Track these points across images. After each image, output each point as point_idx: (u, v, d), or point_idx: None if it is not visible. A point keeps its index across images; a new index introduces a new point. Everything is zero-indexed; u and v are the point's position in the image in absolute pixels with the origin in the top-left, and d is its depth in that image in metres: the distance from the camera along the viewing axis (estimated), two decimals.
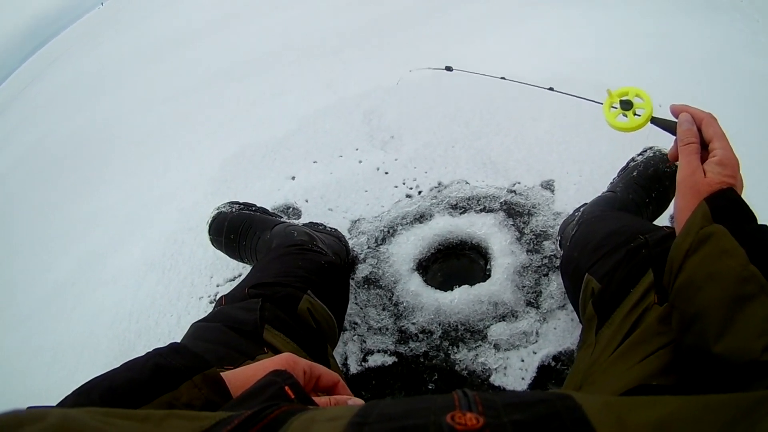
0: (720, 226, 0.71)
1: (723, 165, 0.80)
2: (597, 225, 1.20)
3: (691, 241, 0.73)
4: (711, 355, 0.64)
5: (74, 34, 4.02)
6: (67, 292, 1.81)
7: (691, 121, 0.88)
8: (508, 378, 1.33)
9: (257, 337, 0.95)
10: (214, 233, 1.54)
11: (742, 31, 2.19)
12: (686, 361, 0.71)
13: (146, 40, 3.33)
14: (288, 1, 3.14)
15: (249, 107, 2.31)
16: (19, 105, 3.32)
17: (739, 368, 0.60)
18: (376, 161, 1.88)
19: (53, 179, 2.38)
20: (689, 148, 0.84)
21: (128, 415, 0.48)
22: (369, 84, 2.21)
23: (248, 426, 0.45)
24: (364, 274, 1.58)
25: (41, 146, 2.65)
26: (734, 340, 0.62)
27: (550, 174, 1.73)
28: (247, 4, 3.27)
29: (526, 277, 1.49)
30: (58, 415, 0.43)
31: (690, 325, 0.69)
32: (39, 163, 2.54)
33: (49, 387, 1.56)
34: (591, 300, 0.98)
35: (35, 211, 2.23)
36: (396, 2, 2.79)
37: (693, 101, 0.91)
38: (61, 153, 2.51)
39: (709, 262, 0.69)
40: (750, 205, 0.75)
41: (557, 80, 2.00)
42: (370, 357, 1.42)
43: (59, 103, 3.01)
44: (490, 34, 2.38)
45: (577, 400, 0.44)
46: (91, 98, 2.88)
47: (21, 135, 2.86)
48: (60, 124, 2.76)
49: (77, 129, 2.64)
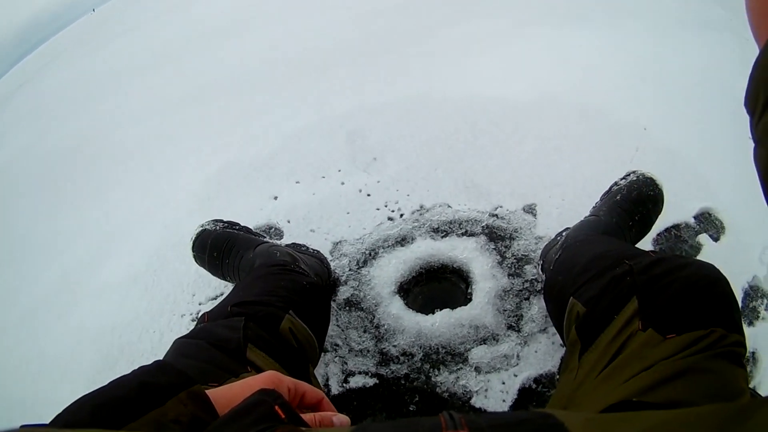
0: None
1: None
2: (582, 249, 1.21)
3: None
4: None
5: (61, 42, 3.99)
6: (52, 303, 1.78)
7: None
8: (489, 400, 1.33)
9: (240, 355, 0.94)
10: (198, 250, 1.54)
11: (734, 50, 2.23)
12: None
13: (132, 52, 3.31)
14: (276, 18, 3.13)
15: (233, 125, 2.31)
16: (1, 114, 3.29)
17: None
18: (358, 183, 1.88)
19: (37, 191, 2.35)
20: None
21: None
22: (353, 103, 2.22)
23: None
24: (346, 296, 1.58)
25: (24, 158, 2.62)
26: None
27: (532, 198, 1.75)
28: (234, 20, 3.27)
29: (507, 300, 1.50)
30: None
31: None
32: (23, 176, 2.51)
33: (35, 398, 1.55)
34: (575, 325, 0.99)
35: (19, 222, 2.20)
36: (385, 22, 2.81)
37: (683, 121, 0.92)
38: (44, 166, 2.48)
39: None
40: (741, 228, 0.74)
41: (546, 101, 2.05)
42: (351, 378, 1.41)
43: (41, 116, 2.98)
44: (479, 55, 2.40)
45: (559, 418, 0.45)
46: (75, 111, 2.85)
47: (2, 147, 2.83)
48: (43, 137, 2.73)
49: (61, 142, 2.61)
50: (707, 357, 0.76)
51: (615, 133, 1.91)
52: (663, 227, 1.65)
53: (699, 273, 0.87)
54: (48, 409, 0.61)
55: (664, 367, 0.76)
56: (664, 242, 1.63)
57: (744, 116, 0.77)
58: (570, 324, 1.03)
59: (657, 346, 0.80)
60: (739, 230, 1.59)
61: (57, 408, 0.62)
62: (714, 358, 0.76)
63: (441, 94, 2.19)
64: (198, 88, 2.64)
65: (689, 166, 1.77)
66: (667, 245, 1.62)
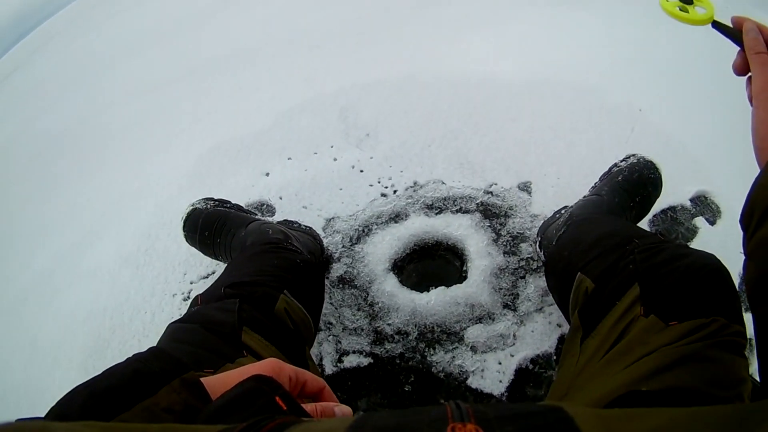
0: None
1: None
2: (588, 226, 1.21)
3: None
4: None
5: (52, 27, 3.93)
6: (44, 285, 1.76)
7: (757, 30, 0.78)
8: (486, 381, 1.33)
9: (236, 339, 0.93)
10: (189, 229, 1.52)
11: None
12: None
13: (123, 33, 3.26)
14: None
15: (225, 102, 2.28)
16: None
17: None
18: (351, 159, 1.86)
19: (28, 173, 2.32)
20: (761, 58, 0.75)
21: (126, 429, 0.47)
22: (346, 80, 2.19)
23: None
24: (339, 274, 1.56)
25: (17, 139, 2.58)
26: None
27: (527, 176, 1.73)
28: None
29: (503, 279, 1.49)
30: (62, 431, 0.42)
31: None
32: (14, 157, 2.47)
33: (28, 382, 1.53)
34: (579, 308, 0.98)
35: (10, 204, 2.17)
36: None
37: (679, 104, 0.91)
38: (36, 146, 2.45)
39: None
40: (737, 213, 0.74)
41: (537, 81, 2.03)
42: (346, 358, 1.40)
43: (35, 97, 2.93)
44: (472, 35, 2.37)
45: (569, 412, 0.44)
46: (67, 92, 2.81)
47: None
48: (36, 117, 2.69)
49: (53, 122, 2.58)
50: (709, 345, 0.76)
51: (610, 113, 1.90)
52: (659, 209, 1.64)
53: (701, 262, 0.87)
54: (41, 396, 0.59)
55: (666, 353, 0.75)
56: (660, 224, 1.62)
57: (741, 100, 0.75)
58: (578, 299, 1.03)
59: (659, 332, 0.80)
60: (735, 215, 1.57)
61: (50, 395, 0.60)
62: (715, 346, 0.76)
63: (435, 71, 2.17)
64: (188, 68, 2.61)
65: (685, 149, 1.77)
66: (663, 227, 1.61)
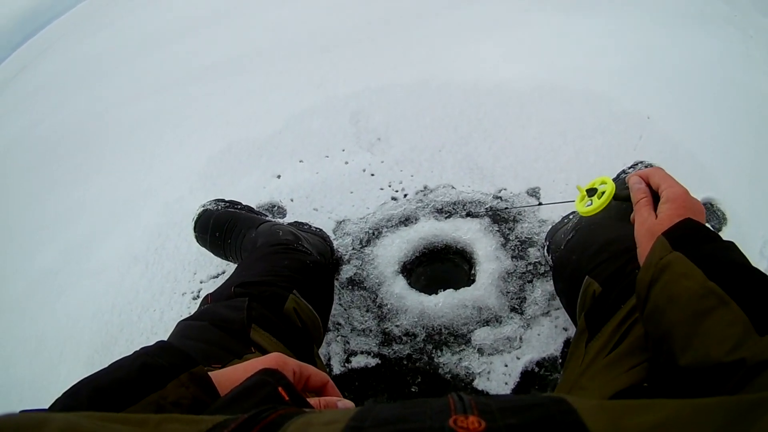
0: (677, 253, 0.74)
1: (670, 201, 0.84)
2: (597, 231, 1.21)
3: (652, 273, 0.75)
4: (679, 369, 0.66)
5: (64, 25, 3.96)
6: (51, 281, 1.78)
7: (639, 180, 0.93)
8: (492, 383, 1.33)
9: (244, 336, 0.94)
10: (200, 230, 1.53)
11: (736, 45, 2.22)
12: (660, 380, 0.73)
13: (136, 33, 3.29)
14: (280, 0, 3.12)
15: (237, 104, 2.30)
16: (4, 96, 3.27)
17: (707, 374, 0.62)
18: (362, 163, 1.88)
19: (39, 170, 2.34)
20: (640, 203, 0.90)
21: (125, 419, 0.47)
22: (358, 84, 2.20)
23: (245, 429, 0.45)
24: (349, 275, 1.57)
25: (27, 137, 2.61)
26: (697, 351, 0.64)
27: (536, 181, 1.74)
28: (239, 0, 3.25)
29: (511, 283, 1.50)
30: (61, 422, 0.42)
31: (660, 346, 0.72)
32: (25, 154, 2.50)
33: (33, 377, 1.54)
34: (586, 310, 0.99)
35: (20, 201, 2.19)
36: (389, 4, 2.79)
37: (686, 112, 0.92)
38: (47, 144, 2.47)
39: (669, 287, 0.72)
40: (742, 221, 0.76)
41: (547, 87, 2.04)
42: (354, 358, 1.41)
43: (46, 95, 2.96)
44: (481, 40, 2.38)
45: (572, 404, 0.44)
46: (79, 90, 2.84)
47: (6, 126, 2.82)
48: (47, 115, 2.72)
49: (64, 120, 2.60)
50: None
51: (618, 120, 1.90)
52: None
53: None
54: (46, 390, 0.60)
55: None
56: None
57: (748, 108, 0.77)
58: (585, 302, 1.04)
59: None
60: (741, 222, 1.58)
61: (55, 388, 0.61)
62: None
63: (445, 77, 2.18)
64: (201, 69, 2.63)
65: (692, 157, 1.76)
66: None
